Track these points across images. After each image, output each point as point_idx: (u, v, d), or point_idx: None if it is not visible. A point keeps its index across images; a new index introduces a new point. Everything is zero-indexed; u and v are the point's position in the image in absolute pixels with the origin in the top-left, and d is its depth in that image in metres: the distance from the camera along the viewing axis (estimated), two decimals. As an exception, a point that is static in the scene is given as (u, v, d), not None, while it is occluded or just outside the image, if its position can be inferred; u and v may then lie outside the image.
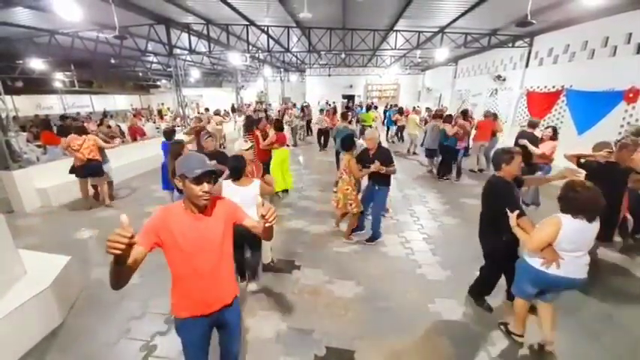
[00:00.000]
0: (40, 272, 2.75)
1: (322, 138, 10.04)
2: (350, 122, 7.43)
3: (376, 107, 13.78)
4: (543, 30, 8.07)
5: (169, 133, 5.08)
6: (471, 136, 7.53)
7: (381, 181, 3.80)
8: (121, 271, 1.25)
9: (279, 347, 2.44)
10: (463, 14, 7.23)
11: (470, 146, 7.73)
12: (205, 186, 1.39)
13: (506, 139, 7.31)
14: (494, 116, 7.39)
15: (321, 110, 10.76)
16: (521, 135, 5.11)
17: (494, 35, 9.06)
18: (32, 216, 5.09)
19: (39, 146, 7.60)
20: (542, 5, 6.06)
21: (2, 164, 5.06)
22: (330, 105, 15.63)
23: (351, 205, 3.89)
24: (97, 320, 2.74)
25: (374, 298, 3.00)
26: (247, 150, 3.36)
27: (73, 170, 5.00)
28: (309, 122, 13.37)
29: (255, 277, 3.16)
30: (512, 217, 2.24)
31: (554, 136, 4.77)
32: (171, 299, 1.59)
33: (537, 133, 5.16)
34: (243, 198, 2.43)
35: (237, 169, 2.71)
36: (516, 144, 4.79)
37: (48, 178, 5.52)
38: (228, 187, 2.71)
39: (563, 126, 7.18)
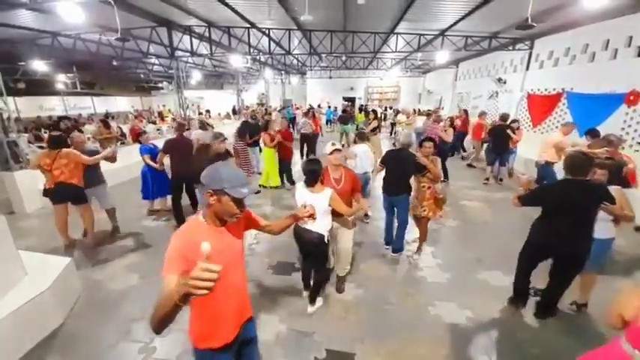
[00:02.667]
0: (40, 274, 2.75)
1: (305, 145, 8.50)
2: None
3: (374, 111, 13.47)
4: (544, 33, 8.09)
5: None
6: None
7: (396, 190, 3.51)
8: (177, 311, 1.02)
9: (279, 349, 2.43)
10: (464, 17, 7.25)
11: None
12: (244, 206, 1.30)
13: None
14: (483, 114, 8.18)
15: (327, 121, 10.49)
16: (498, 128, 6.60)
17: (494, 38, 9.08)
18: (33, 217, 5.10)
19: (40, 147, 7.62)
20: (543, 8, 6.08)
21: (3, 165, 5.08)
22: (328, 107, 15.67)
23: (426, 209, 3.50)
24: (97, 322, 2.73)
25: (374, 300, 2.99)
26: (331, 154, 2.71)
27: (45, 192, 3.77)
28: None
29: (319, 293, 2.88)
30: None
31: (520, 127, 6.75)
32: (195, 330, 1.38)
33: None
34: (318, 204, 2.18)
35: (312, 173, 2.39)
36: (500, 135, 6.45)
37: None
38: (299, 191, 2.53)
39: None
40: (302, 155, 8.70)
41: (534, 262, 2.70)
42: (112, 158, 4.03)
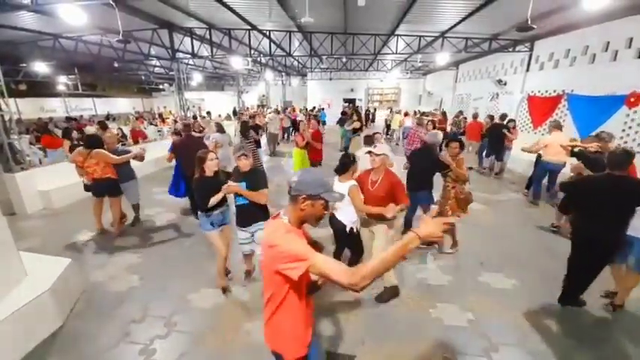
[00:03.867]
0: (41, 275, 2.75)
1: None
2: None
3: (356, 111, 13.30)
4: (544, 35, 8.10)
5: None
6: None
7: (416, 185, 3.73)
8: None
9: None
10: (463, 19, 7.27)
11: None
12: (328, 209, 1.38)
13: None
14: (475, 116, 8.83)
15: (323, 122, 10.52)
16: (495, 127, 7.16)
17: (494, 40, 9.10)
18: (34, 218, 5.10)
19: (41, 149, 7.65)
20: (543, 10, 6.10)
21: (5, 166, 5.09)
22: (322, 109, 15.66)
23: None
24: (97, 323, 2.73)
25: (375, 302, 2.98)
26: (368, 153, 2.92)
27: (87, 187, 4.41)
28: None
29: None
30: None
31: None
32: (296, 337, 1.37)
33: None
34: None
35: (342, 164, 2.83)
36: (496, 136, 6.93)
37: (50, 181, 5.55)
38: (335, 179, 2.87)
39: (566, 129, 7.14)
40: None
41: (592, 261, 2.63)
42: (139, 157, 4.36)
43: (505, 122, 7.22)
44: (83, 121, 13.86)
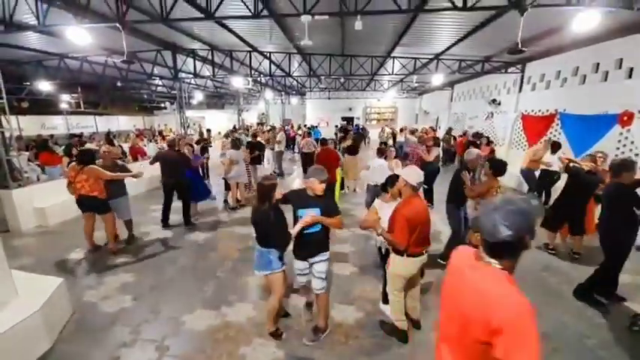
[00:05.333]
0: (31, 294, 2.67)
1: (307, 163, 8.37)
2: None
3: (345, 129, 14.24)
4: (534, 57, 8.40)
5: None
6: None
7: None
8: None
9: (276, 377, 2.32)
10: (457, 42, 7.56)
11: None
12: None
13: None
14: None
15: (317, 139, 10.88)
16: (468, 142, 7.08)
17: (487, 62, 9.43)
18: (28, 236, 5.02)
19: (40, 165, 7.63)
20: (533, 34, 6.36)
21: (2, 183, 5.07)
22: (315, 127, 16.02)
23: None
24: (87, 346, 2.62)
25: (375, 324, 2.89)
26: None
27: (76, 202, 4.19)
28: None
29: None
30: None
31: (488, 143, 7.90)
32: None
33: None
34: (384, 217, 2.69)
35: (391, 183, 2.93)
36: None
37: (46, 198, 5.51)
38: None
39: (561, 147, 7.27)
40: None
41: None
42: (137, 176, 4.48)
43: (476, 140, 7.44)
44: (84, 138, 13.95)
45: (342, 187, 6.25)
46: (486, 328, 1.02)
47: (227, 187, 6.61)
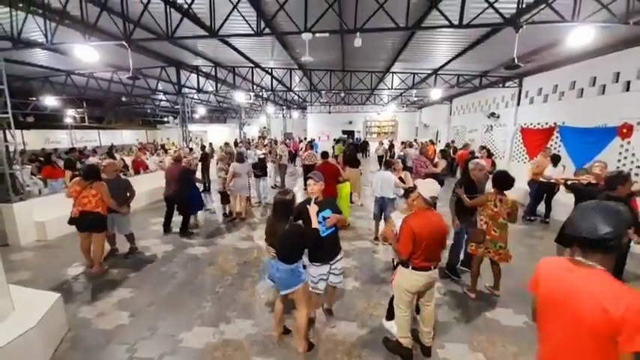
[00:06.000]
0: (28, 310, 2.61)
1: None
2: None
3: (341, 140, 14.70)
4: (531, 71, 8.56)
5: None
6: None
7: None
8: None
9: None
10: (454, 58, 7.72)
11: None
12: None
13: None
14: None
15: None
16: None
17: (484, 76, 9.60)
18: (26, 250, 4.97)
19: (42, 179, 7.67)
20: (529, 50, 6.50)
21: (4, 197, 5.07)
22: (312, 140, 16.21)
23: (508, 251, 3.37)
24: (81, 366, 2.53)
25: (379, 342, 2.80)
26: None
27: (71, 220, 3.99)
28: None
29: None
30: None
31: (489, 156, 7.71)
32: None
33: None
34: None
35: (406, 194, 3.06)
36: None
37: (46, 212, 5.48)
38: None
39: (562, 160, 7.28)
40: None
41: None
42: (124, 213, 4.41)
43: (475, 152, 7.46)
44: (87, 152, 14.08)
45: (351, 200, 6.29)
46: (609, 321, 1.02)
47: (223, 200, 6.65)
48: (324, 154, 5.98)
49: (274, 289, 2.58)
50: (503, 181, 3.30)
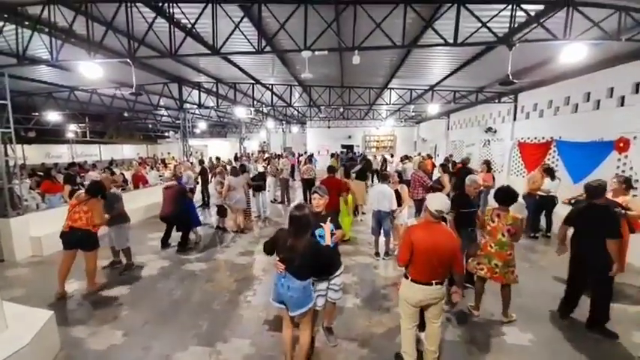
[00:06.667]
0: (21, 327, 2.55)
1: (309, 192, 8.23)
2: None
3: (364, 156, 14.79)
4: (526, 87, 8.73)
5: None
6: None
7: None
8: None
9: None
10: (450, 74, 7.90)
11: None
12: None
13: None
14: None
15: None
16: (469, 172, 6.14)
17: (480, 92, 9.79)
18: (21, 266, 4.89)
19: (40, 194, 7.64)
20: (523, 66, 6.67)
21: (1, 212, 5.03)
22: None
23: (512, 272, 3.18)
24: (71, 388, 2.44)
25: (380, 361, 2.71)
26: None
27: (62, 234, 3.85)
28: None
29: None
30: None
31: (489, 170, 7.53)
32: None
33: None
34: None
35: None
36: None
37: (43, 227, 5.42)
38: None
39: (559, 174, 7.31)
40: (304, 198, 9.20)
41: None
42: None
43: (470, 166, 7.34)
44: (86, 166, 14.11)
45: (355, 213, 6.30)
46: None
47: (220, 214, 6.63)
48: (331, 169, 5.92)
49: (282, 310, 2.41)
50: (504, 195, 3.22)
